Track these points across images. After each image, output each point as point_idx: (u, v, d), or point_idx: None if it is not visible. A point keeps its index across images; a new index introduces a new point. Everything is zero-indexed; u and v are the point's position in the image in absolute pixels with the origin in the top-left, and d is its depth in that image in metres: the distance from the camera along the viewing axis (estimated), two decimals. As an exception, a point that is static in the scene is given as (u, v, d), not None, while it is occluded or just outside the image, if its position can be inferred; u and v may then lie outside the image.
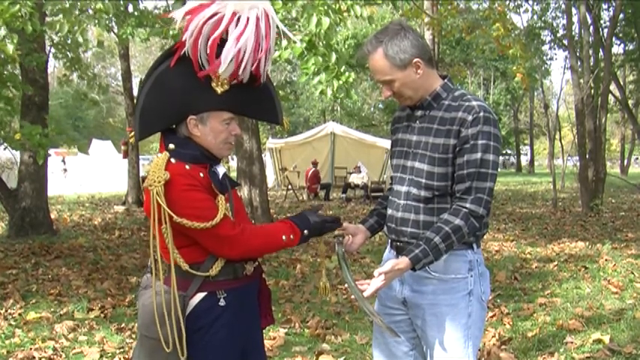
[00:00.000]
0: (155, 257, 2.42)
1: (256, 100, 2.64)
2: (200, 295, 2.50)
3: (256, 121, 13.89)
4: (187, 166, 2.44)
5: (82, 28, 6.75)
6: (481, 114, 2.60)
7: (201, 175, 2.46)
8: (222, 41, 2.41)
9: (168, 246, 2.45)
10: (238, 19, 2.40)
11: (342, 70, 6.77)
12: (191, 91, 2.47)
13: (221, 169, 2.58)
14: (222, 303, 2.51)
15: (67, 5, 6.74)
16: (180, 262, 2.48)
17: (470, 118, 2.60)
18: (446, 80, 2.77)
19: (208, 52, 2.40)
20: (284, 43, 6.74)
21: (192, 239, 2.45)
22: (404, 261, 2.55)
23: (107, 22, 7.28)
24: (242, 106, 2.60)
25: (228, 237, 2.44)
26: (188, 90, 2.47)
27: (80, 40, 7.29)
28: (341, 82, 6.73)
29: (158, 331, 2.42)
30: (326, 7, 6.36)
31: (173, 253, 2.46)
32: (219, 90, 2.47)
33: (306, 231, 2.61)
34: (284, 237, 2.54)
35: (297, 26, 7.30)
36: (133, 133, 2.57)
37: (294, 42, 6.62)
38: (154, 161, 2.46)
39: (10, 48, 6.37)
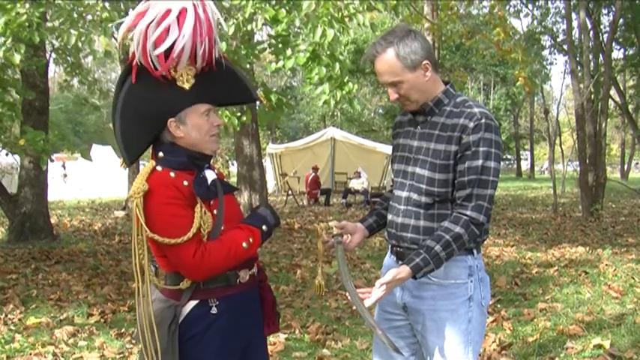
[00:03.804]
0: (137, 267, 2.44)
1: (225, 85, 2.64)
2: (192, 303, 2.49)
3: (256, 125, 13.93)
4: (172, 174, 2.44)
5: (89, 38, 6.75)
6: (483, 121, 2.60)
7: (185, 183, 2.44)
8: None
9: (140, 257, 2.45)
10: (174, 10, 2.41)
11: (345, 80, 6.78)
12: (160, 97, 2.48)
13: (210, 175, 2.57)
14: (214, 311, 2.50)
15: (75, 15, 6.72)
16: (152, 276, 2.50)
17: (471, 124, 2.60)
18: (448, 86, 2.77)
19: (157, 52, 2.41)
20: (288, 52, 6.76)
21: None
22: (405, 270, 2.55)
23: (111, 29, 7.27)
24: (214, 94, 2.59)
25: (189, 265, 2.41)
26: (157, 97, 2.47)
27: (87, 49, 7.28)
28: (344, 92, 6.74)
29: (146, 339, 2.44)
30: (330, 17, 6.37)
31: (144, 266, 2.46)
32: (186, 86, 2.47)
33: (264, 226, 2.59)
34: (244, 244, 2.49)
35: (300, 36, 7.31)
36: (122, 161, 2.58)
37: (298, 51, 6.65)
38: (141, 171, 2.48)
39: (17, 58, 6.37)
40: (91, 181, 25.79)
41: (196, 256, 2.39)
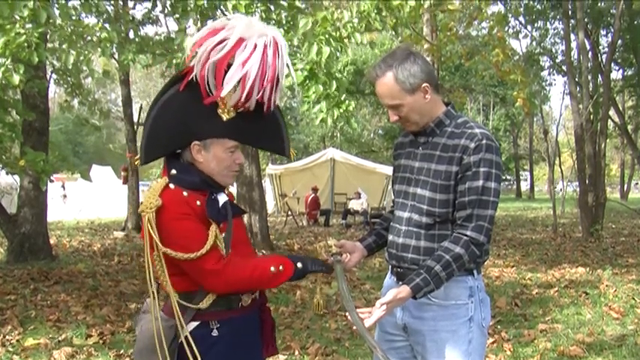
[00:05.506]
0: (151, 283, 2.43)
1: (262, 130, 2.62)
2: (193, 324, 2.47)
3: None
4: (185, 193, 2.43)
5: (87, 58, 6.77)
6: (483, 141, 2.61)
7: (198, 203, 2.43)
8: (229, 67, 2.39)
9: (159, 273, 2.44)
10: (246, 45, 2.39)
11: (342, 98, 6.79)
12: (197, 117, 2.46)
13: (222, 197, 2.54)
14: (215, 333, 2.49)
15: (73, 36, 6.74)
16: (171, 291, 2.46)
17: (472, 145, 2.61)
18: (449, 107, 2.78)
19: (215, 77, 2.40)
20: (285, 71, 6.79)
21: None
22: (405, 290, 2.54)
23: (110, 49, 7.29)
24: (247, 134, 2.57)
25: (212, 271, 2.38)
26: (194, 115, 2.46)
27: (85, 69, 7.31)
28: (341, 110, 6.75)
29: (143, 357, 2.42)
30: (327, 36, 6.40)
31: (165, 282, 2.44)
32: (224, 117, 2.46)
33: (299, 263, 2.56)
34: (272, 268, 2.47)
35: (298, 55, 7.34)
36: (137, 157, 2.55)
37: (296, 70, 6.66)
38: (152, 186, 2.46)
39: (16, 79, 6.39)
40: (90, 201, 25.77)
41: (219, 263, 2.38)
